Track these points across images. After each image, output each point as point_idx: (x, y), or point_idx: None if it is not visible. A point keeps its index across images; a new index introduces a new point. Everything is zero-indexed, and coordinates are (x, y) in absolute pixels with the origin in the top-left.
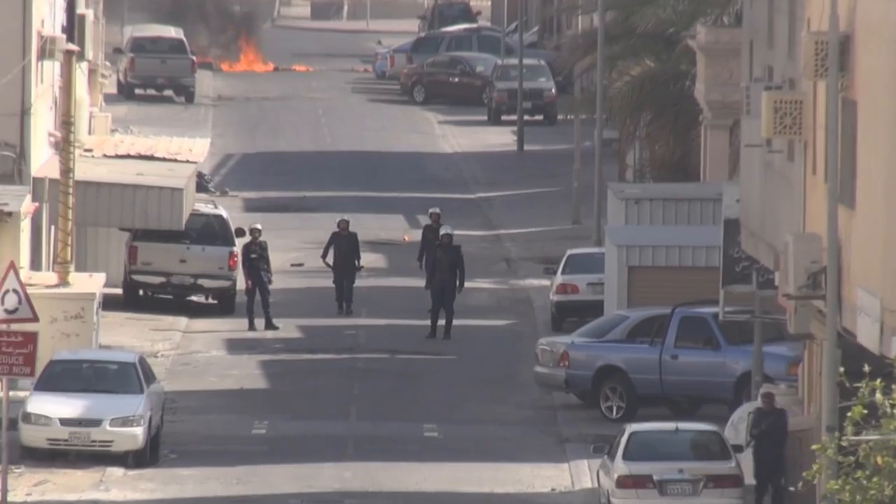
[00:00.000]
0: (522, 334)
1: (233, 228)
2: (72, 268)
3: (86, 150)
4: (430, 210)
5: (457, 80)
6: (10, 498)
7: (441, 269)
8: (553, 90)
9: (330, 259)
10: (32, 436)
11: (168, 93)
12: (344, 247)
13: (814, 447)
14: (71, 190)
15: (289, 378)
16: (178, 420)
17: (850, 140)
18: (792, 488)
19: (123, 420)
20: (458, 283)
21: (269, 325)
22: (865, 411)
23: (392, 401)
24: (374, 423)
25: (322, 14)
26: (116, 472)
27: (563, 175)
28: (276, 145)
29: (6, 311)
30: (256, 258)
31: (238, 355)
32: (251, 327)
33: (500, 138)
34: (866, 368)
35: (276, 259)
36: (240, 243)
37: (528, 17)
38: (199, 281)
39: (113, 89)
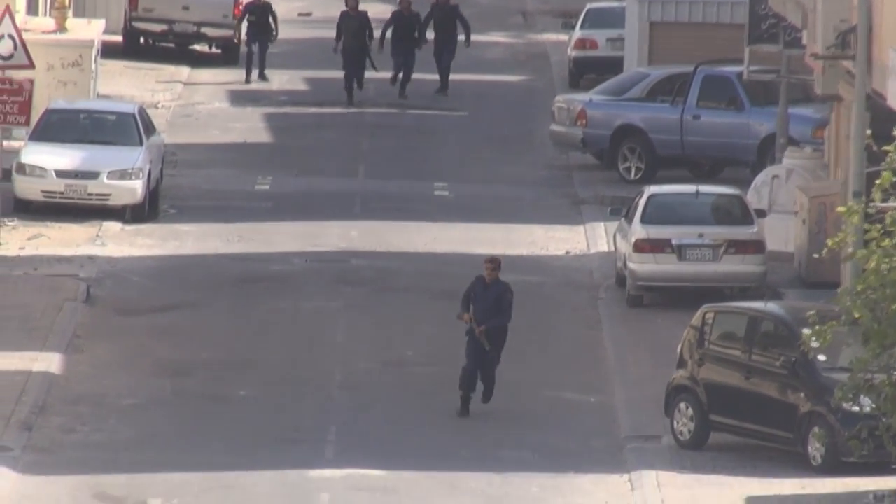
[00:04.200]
0: (538, 91)
1: None
2: (70, 13)
3: None
4: None
5: None
6: (2, 252)
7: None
8: None
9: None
10: (26, 187)
11: None
12: (354, 28)
13: (839, 209)
14: None
15: (294, 132)
16: (179, 174)
17: None
18: (816, 255)
19: (122, 173)
20: (465, 38)
21: (262, 76)
22: (895, 178)
23: (402, 158)
24: (383, 180)
25: None
26: (113, 226)
27: None
28: None
29: (1, 57)
30: (255, 21)
31: (241, 107)
32: (247, 80)
33: None
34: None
35: (282, 8)
36: None
37: None
38: (203, 29)
39: None
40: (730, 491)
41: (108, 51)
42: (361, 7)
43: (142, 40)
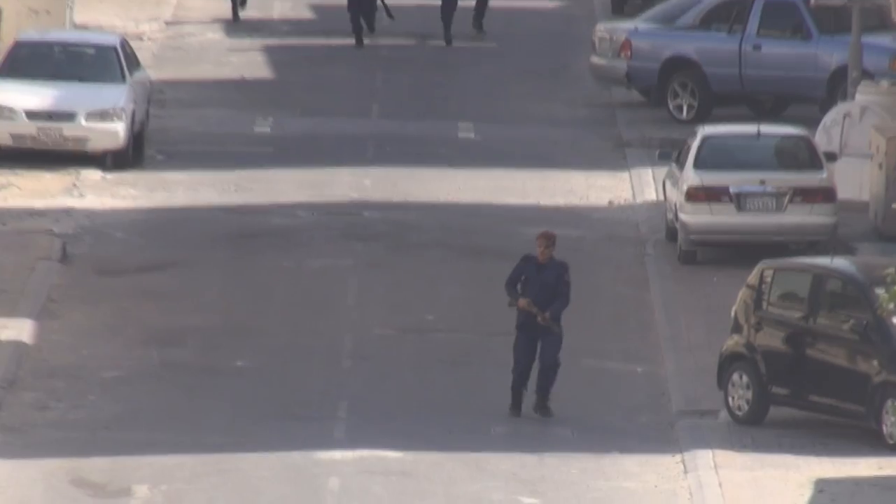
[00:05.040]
0: (577, 19)
1: None
2: None
3: None
4: None
5: None
6: None
7: None
8: None
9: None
10: None
11: None
12: None
13: None
14: None
15: (298, 66)
16: (167, 115)
17: None
18: (895, 205)
19: (101, 113)
20: None
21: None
22: None
23: (421, 95)
24: (400, 121)
25: None
26: (93, 175)
27: None
28: None
29: None
30: None
31: (238, 39)
32: (235, 18)
33: None
34: None
35: None
36: None
37: None
38: None
39: None
40: (796, 473)
41: None
42: None
43: None
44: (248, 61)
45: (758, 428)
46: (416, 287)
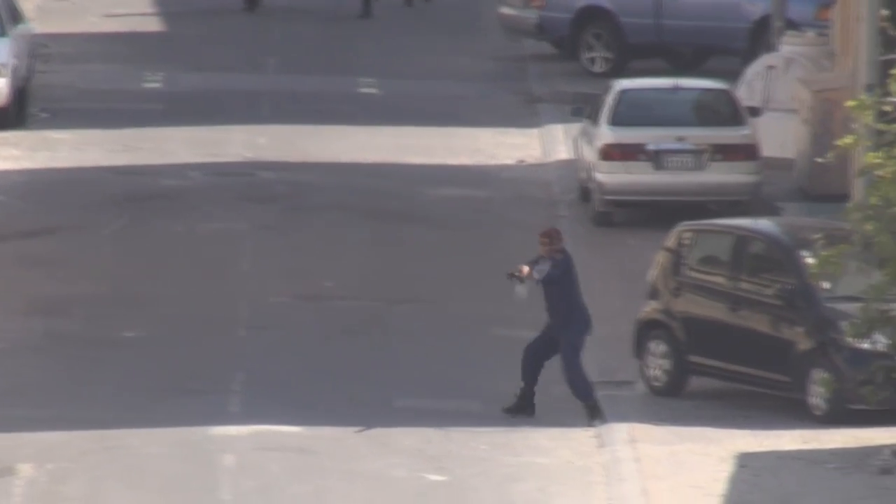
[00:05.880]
0: None
1: None
2: None
3: None
4: None
5: None
6: None
7: None
8: None
9: None
10: None
11: None
12: None
13: (849, 103)
14: None
15: (190, 19)
16: (52, 70)
17: None
18: (820, 159)
19: None
20: None
21: None
22: None
23: (320, 48)
24: (298, 76)
25: None
26: None
27: None
28: None
29: None
30: None
31: None
32: None
33: None
34: None
35: None
36: None
37: None
38: None
39: None
40: (717, 447)
41: None
42: None
43: None
44: (136, 14)
45: (676, 399)
46: (315, 252)
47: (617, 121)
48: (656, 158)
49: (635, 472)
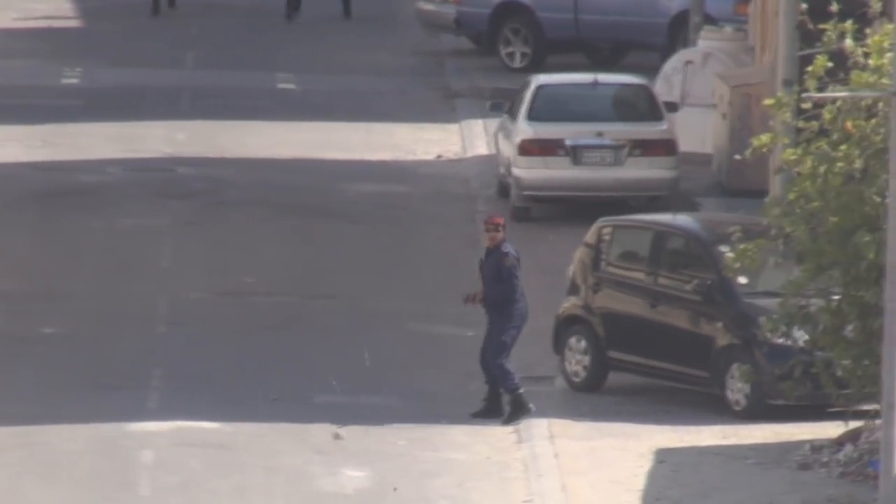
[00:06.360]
0: None
1: None
2: None
3: None
4: None
5: None
6: None
7: None
8: None
9: None
10: None
11: None
12: None
13: (766, 102)
14: None
15: (108, 14)
16: None
17: None
18: (738, 157)
19: None
20: None
21: None
22: (831, 63)
23: (238, 44)
24: (216, 71)
25: None
26: None
27: None
28: None
29: None
30: None
31: None
32: None
33: None
34: (834, 7)
35: None
36: None
37: None
38: None
39: None
40: (636, 442)
41: None
42: None
43: None
44: (54, 8)
45: (596, 395)
46: (235, 248)
47: (535, 116)
48: (574, 154)
49: (554, 467)
